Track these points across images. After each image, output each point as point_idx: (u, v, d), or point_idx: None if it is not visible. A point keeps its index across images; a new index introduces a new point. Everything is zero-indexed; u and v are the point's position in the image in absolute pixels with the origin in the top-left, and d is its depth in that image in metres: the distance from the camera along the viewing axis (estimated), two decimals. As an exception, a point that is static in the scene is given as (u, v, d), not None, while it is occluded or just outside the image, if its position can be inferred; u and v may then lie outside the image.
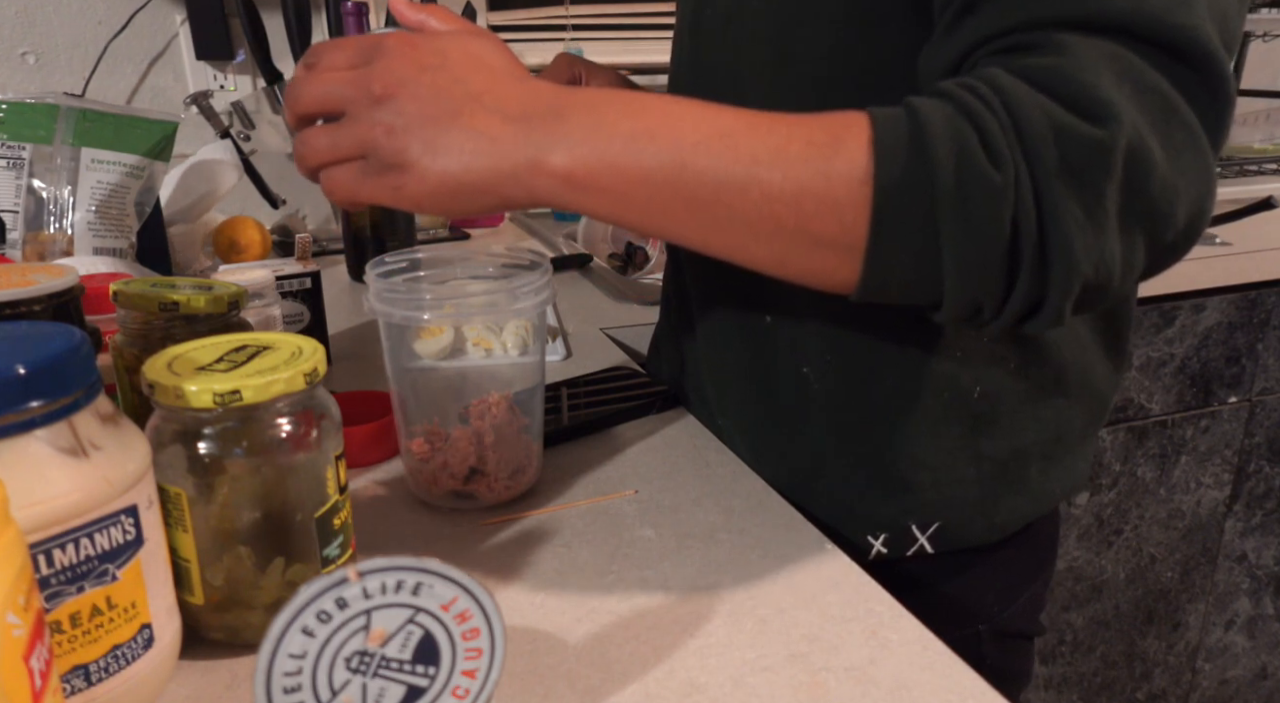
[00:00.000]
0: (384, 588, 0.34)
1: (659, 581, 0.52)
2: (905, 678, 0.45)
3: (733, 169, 0.43)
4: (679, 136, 0.44)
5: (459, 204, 0.45)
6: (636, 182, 0.44)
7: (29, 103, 0.88)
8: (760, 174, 0.43)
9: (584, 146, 0.43)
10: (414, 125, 0.44)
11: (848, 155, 0.43)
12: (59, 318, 0.53)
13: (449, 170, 0.44)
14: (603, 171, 0.44)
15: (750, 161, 0.43)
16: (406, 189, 0.44)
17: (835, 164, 0.42)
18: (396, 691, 0.35)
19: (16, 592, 0.30)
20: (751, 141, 0.43)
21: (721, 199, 0.43)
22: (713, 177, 0.43)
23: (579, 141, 0.44)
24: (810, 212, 0.43)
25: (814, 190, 0.43)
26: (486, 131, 0.44)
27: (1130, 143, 0.41)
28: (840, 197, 0.43)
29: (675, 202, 0.44)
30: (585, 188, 0.44)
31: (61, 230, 0.89)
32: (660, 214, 0.45)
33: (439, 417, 0.59)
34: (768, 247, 0.45)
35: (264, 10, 1.30)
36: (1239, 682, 1.61)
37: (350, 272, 1.19)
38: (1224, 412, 1.40)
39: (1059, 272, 0.42)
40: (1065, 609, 1.44)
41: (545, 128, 0.44)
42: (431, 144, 0.44)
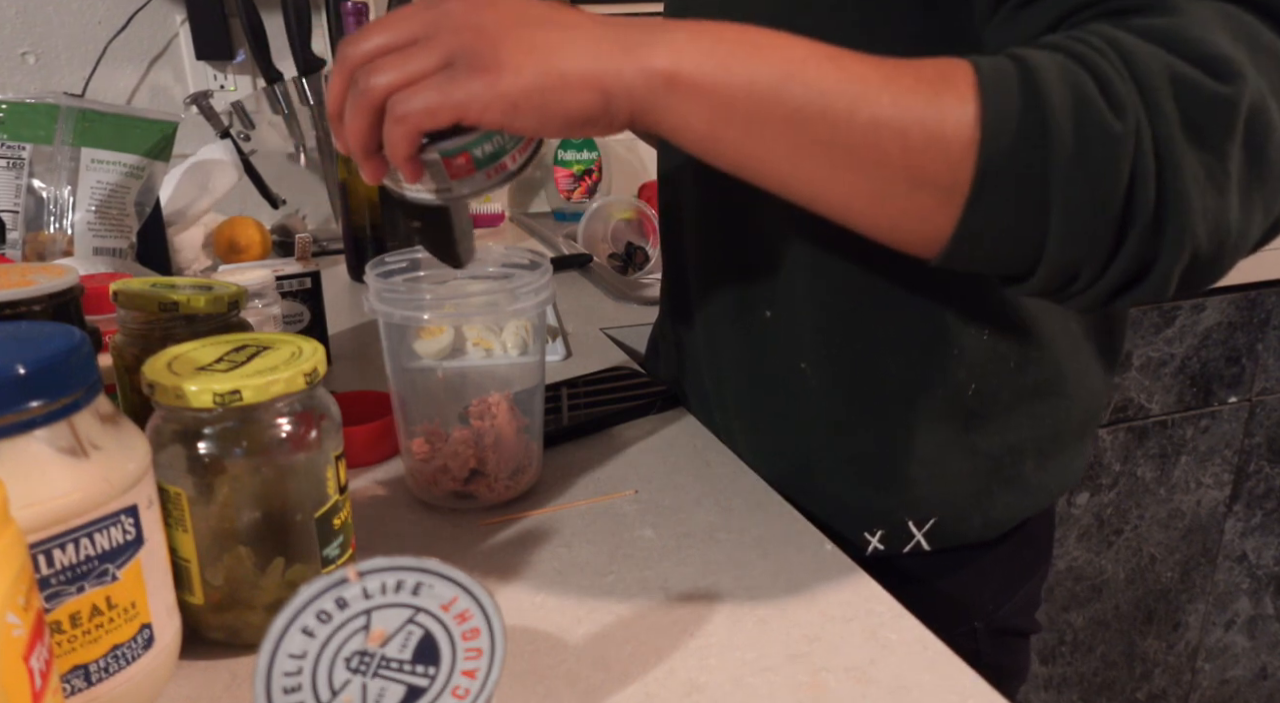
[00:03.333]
0: (384, 588, 0.34)
1: (659, 581, 0.52)
2: (905, 678, 0.45)
3: (841, 86, 0.41)
4: (788, 50, 0.41)
5: (556, 105, 0.42)
6: (740, 88, 0.41)
7: (29, 103, 0.88)
8: (870, 94, 0.41)
9: (689, 48, 0.41)
10: (507, 26, 0.41)
11: (957, 93, 0.40)
12: (59, 318, 0.53)
13: (549, 62, 0.41)
14: (708, 73, 0.41)
15: (860, 81, 0.41)
16: (501, 85, 0.41)
17: (945, 99, 0.40)
18: (396, 691, 0.35)
19: (16, 592, 0.30)
20: (861, 65, 0.41)
21: (827, 116, 0.41)
22: (819, 90, 0.41)
23: (684, 44, 0.41)
24: (917, 145, 0.41)
25: (923, 123, 0.40)
26: (584, 34, 0.42)
27: (1253, 102, 0.39)
28: (950, 134, 0.40)
29: (777, 113, 0.41)
30: (688, 90, 0.41)
31: (61, 230, 0.89)
32: (760, 129, 0.42)
33: (439, 417, 0.59)
34: (866, 180, 0.42)
35: (264, 10, 1.30)
36: (1239, 682, 1.61)
37: (350, 272, 1.19)
38: (1224, 412, 1.40)
39: (1172, 232, 0.39)
40: (1065, 609, 1.43)
41: (647, 34, 0.42)
42: (528, 41, 0.41)
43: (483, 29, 0.41)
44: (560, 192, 1.56)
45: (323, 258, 1.29)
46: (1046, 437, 0.64)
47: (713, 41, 0.42)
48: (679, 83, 0.41)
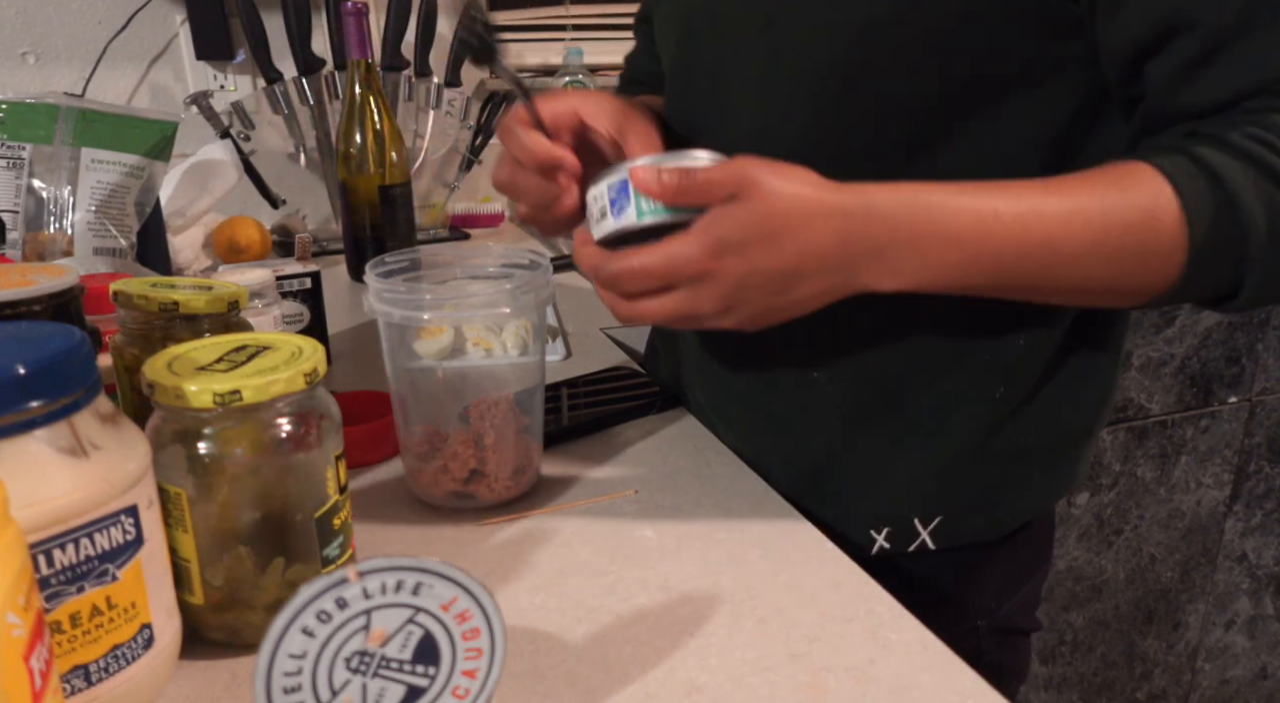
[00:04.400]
0: (384, 588, 0.34)
1: (659, 581, 0.52)
2: (905, 678, 0.45)
3: (1055, 273, 0.49)
4: (1000, 256, 0.49)
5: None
6: (963, 290, 0.51)
7: (29, 103, 0.88)
8: (1080, 273, 0.49)
9: (907, 276, 0.50)
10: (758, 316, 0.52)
11: (1164, 233, 0.47)
12: (59, 318, 0.53)
13: (783, 315, 0.53)
14: (927, 288, 0.51)
15: (1071, 263, 0.49)
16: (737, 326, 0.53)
17: (1151, 246, 0.48)
18: (396, 691, 0.35)
19: (16, 592, 0.30)
20: (1070, 243, 0.48)
21: (1044, 292, 0.51)
22: (1035, 282, 0.50)
23: (903, 273, 0.50)
24: (1124, 289, 0.50)
25: (1130, 270, 0.49)
26: (810, 294, 0.51)
27: None
28: (1156, 269, 0.49)
29: (1004, 295, 0.52)
30: (914, 291, 0.51)
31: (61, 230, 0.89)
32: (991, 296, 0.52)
33: (439, 417, 0.59)
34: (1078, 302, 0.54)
35: (264, 10, 1.30)
36: (1239, 682, 1.61)
37: (350, 272, 1.19)
38: (1224, 412, 1.40)
39: None
40: (1065, 609, 1.43)
41: (868, 267, 0.50)
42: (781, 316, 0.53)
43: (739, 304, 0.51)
44: (560, 192, 1.55)
45: (323, 258, 1.29)
46: (1056, 438, 0.64)
47: (931, 270, 0.50)
48: (902, 292, 0.51)
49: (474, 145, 1.50)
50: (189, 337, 0.52)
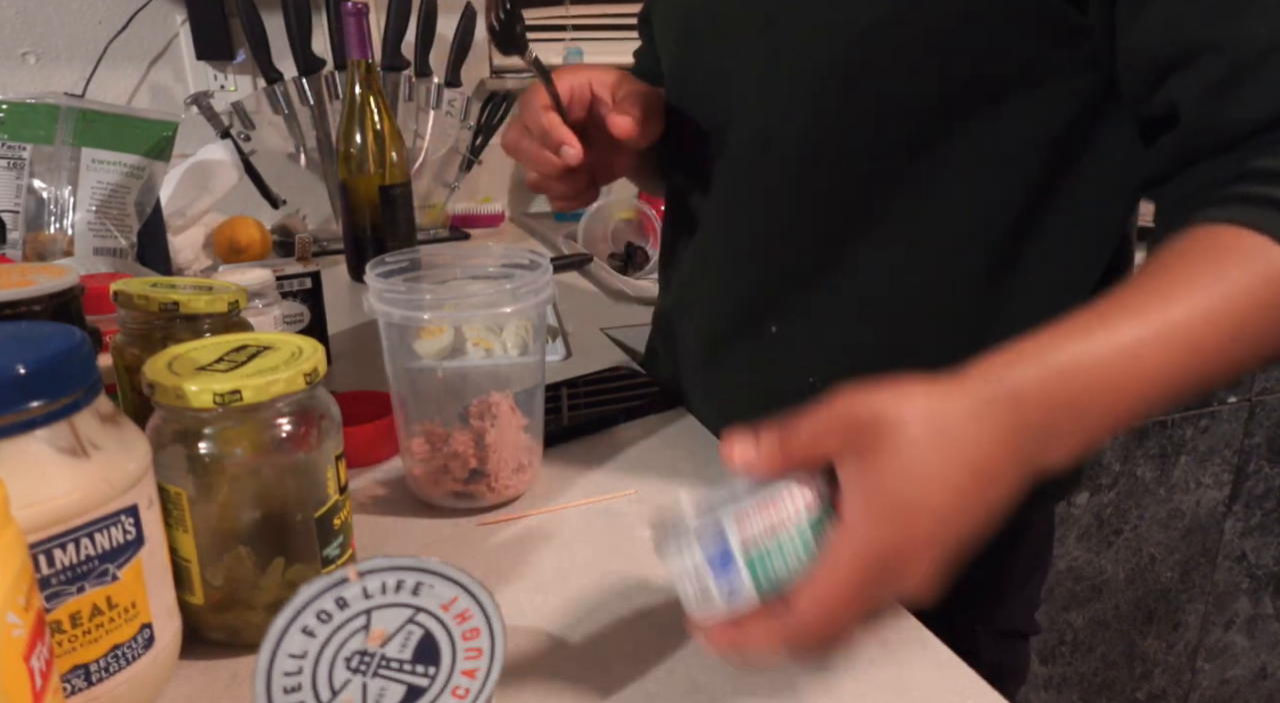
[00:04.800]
0: (384, 588, 0.34)
1: (659, 581, 0.52)
2: (905, 678, 0.45)
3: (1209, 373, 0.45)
4: (1155, 384, 0.44)
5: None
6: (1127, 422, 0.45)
7: (29, 103, 0.88)
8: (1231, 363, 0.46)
9: (1077, 440, 0.43)
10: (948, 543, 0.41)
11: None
12: (59, 318, 0.53)
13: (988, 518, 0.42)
14: (1100, 443, 0.45)
15: (1219, 359, 0.45)
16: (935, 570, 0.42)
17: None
18: (396, 690, 0.35)
19: (16, 592, 0.30)
20: (1211, 343, 0.44)
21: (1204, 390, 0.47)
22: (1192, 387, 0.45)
23: (1070, 445, 0.43)
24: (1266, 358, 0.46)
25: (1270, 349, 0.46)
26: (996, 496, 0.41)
27: None
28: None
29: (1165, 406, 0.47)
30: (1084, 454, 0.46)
31: (61, 230, 0.89)
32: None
33: (439, 417, 0.59)
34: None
35: (264, 10, 1.30)
36: (1239, 682, 1.61)
37: (350, 272, 1.19)
38: (1224, 412, 1.40)
39: None
40: (1065, 609, 1.43)
41: (1040, 448, 0.42)
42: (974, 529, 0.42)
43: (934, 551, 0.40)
44: (560, 192, 1.55)
45: (323, 258, 1.29)
46: None
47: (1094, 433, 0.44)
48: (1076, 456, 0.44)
49: (474, 145, 1.50)
50: (189, 337, 0.52)
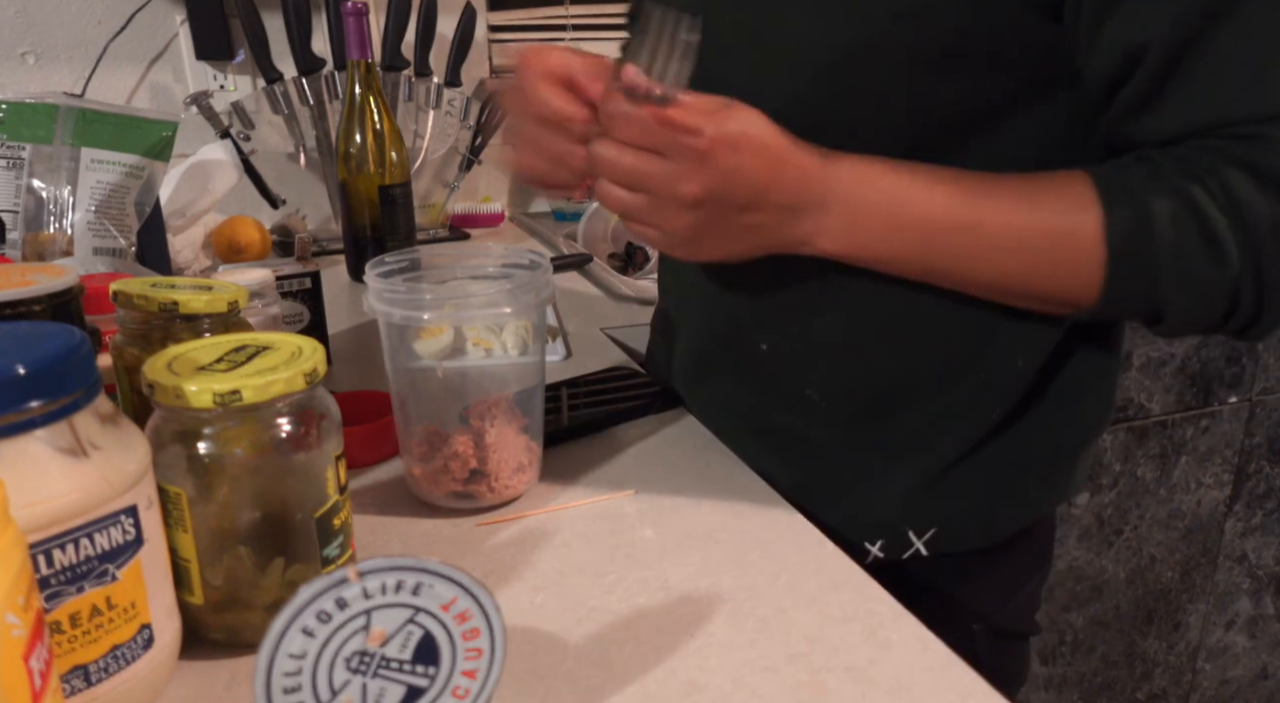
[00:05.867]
0: (384, 588, 0.34)
1: (659, 581, 0.52)
2: (905, 678, 0.45)
3: (976, 257, 0.52)
4: (929, 227, 0.52)
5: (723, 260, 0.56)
6: (888, 261, 0.54)
7: (29, 103, 0.88)
8: (1001, 261, 0.52)
9: (844, 238, 0.53)
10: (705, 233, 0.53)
11: (1082, 247, 0.50)
12: (59, 318, 0.53)
13: (728, 255, 0.55)
14: (861, 254, 0.54)
15: (991, 250, 0.52)
16: (678, 252, 0.55)
17: (1069, 255, 0.51)
18: (396, 691, 0.35)
19: (16, 592, 0.30)
20: (993, 233, 0.51)
21: (964, 277, 0.54)
22: (955, 260, 0.53)
23: (840, 233, 0.53)
24: (1041, 291, 0.53)
25: (1046, 273, 0.52)
26: (765, 224, 0.53)
27: None
28: (1072, 280, 0.51)
29: (923, 274, 0.55)
30: (847, 260, 0.54)
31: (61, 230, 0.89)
32: (910, 275, 0.55)
33: (439, 417, 0.59)
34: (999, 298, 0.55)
35: (264, 10, 1.30)
36: (1239, 682, 1.61)
37: (350, 272, 1.19)
38: (1224, 412, 1.40)
39: (1265, 327, 0.51)
40: (1065, 609, 1.43)
41: (812, 217, 0.53)
42: (719, 246, 0.54)
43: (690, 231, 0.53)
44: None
45: (323, 258, 1.29)
46: (1051, 450, 0.64)
47: (866, 232, 0.53)
48: (835, 257, 0.54)
49: (474, 145, 1.50)
50: (189, 337, 0.52)
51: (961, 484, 0.62)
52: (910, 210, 0.52)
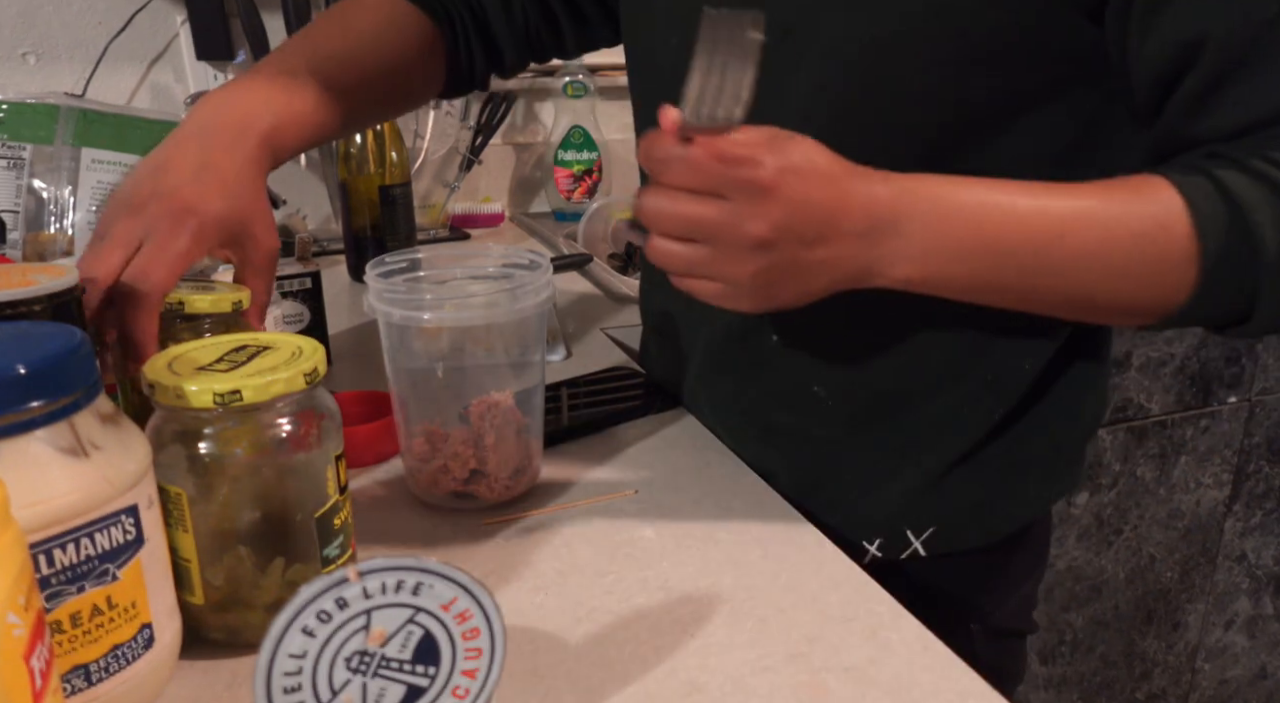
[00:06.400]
0: (384, 588, 0.34)
1: (659, 581, 0.52)
2: (905, 678, 0.45)
3: (1062, 274, 0.48)
4: (1012, 247, 0.48)
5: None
6: (965, 284, 0.49)
7: (29, 103, 0.88)
8: (1087, 277, 0.48)
9: (922, 262, 0.48)
10: (777, 277, 0.47)
11: (1174, 246, 0.47)
12: (59, 318, 0.53)
13: (799, 298, 0.50)
14: (938, 281, 0.49)
15: (1078, 263, 0.48)
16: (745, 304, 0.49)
17: (1160, 256, 0.47)
18: (396, 691, 0.35)
19: (16, 592, 0.30)
20: (1078, 240, 0.47)
21: (1050, 296, 0.50)
22: (1039, 277, 0.49)
23: (918, 257, 0.48)
24: (1130, 300, 0.49)
25: (1137, 278, 0.48)
26: (838, 257, 0.48)
27: None
28: (1165, 283, 0.48)
29: (1005, 295, 0.50)
30: (920, 288, 0.50)
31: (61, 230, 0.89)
32: (990, 301, 0.51)
33: (439, 417, 0.59)
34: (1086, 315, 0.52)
35: (264, 10, 1.30)
36: (1239, 682, 1.61)
37: (350, 272, 1.19)
38: (1224, 412, 1.40)
39: None
40: (1065, 609, 1.43)
41: (886, 242, 0.48)
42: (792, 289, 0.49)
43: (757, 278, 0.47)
44: (560, 192, 1.56)
45: (323, 258, 1.29)
46: (1050, 449, 0.64)
47: (944, 256, 0.48)
48: (912, 284, 0.50)
49: (474, 145, 1.50)
50: (190, 337, 0.52)
51: (961, 484, 0.62)
52: (990, 227, 0.48)
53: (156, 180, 0.55)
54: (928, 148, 0.55)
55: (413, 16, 0.72)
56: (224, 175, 0.56)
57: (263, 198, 0.59)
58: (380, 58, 0.70)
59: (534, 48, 0.79)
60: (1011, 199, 0.48)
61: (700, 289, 0.49)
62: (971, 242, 0.48)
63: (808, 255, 0.47)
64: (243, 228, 0.57)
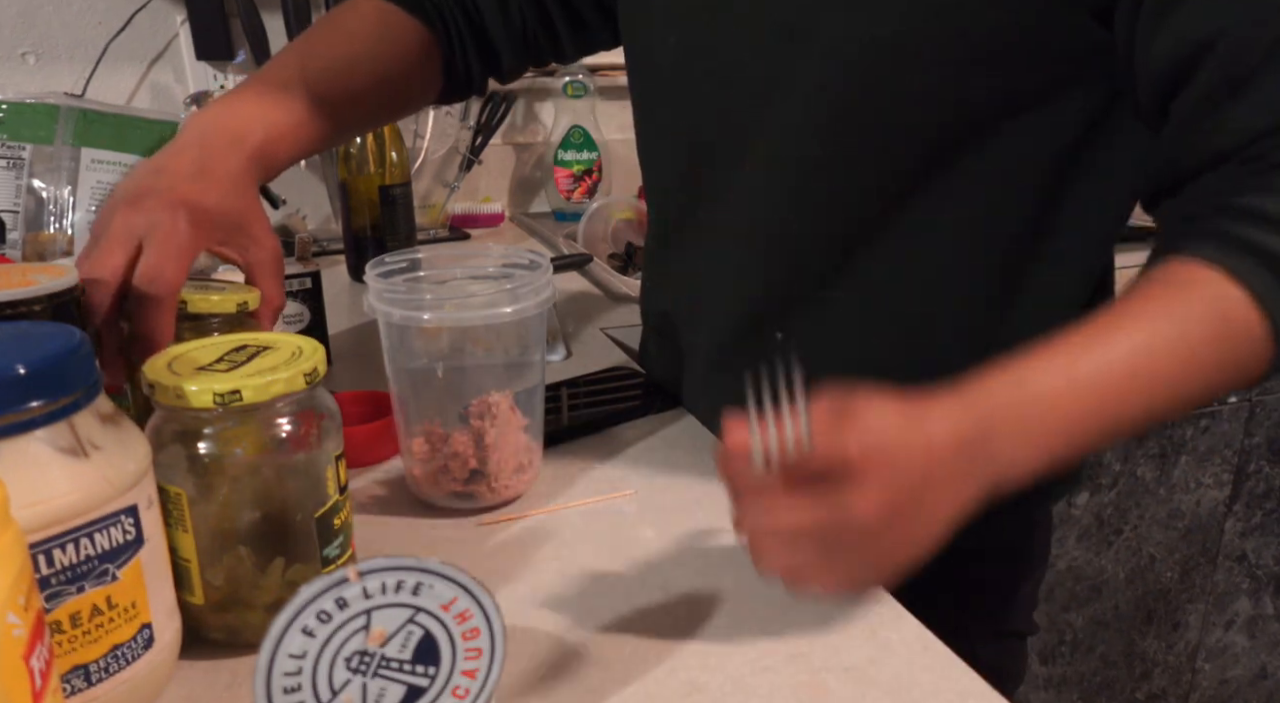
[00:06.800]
0: (384, 588, 0.34)
1: (659, 581, 0.52)
2: (905, 678, 0.45)
3: (1158, 403, 0.47)
4: (1102, 418, 0.47)
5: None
6: (1076, 454, 0.47)
7: (29, 103, 0.88)
8: (1180, 394, 0.47)
9: (1026, 463, 0.46)
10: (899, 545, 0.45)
11: (1244, 329, 0.46)
12: (59, 318, 0.53)
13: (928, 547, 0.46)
14: (1048, 465, 0.47)
15: (1168, 390, 0.47)
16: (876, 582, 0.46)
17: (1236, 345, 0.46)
18: (396, 691, 0.35)
19: (16, 592, 0.30)
20: (1161, 374, 0.46)
21: (1154, 420, 0.48)
22: (1142, 416, 0.47)
23: (1020, 460, 0.46)
24: (1225, 388, 0.48)
25: (1224, 372, 0.47)
26: (947, 494, 0.45)
27: None
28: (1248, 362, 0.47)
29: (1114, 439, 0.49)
30: (1039, 470, 0.47)
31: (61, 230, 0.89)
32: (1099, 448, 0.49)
33: (439, 417, 0.59)
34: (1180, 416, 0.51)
35: (264, 10, 1.30)
36: (1239, 682, 1.61)
37: (350, 272, 1.19)
38: (1224, 412, 1.40)
39: None
40: (1065, 609, 1.43)
41: (985, 457, 0.45)
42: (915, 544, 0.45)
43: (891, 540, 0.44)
44: (560, 192, 1.56)
45: (323, 258, 1.29)
46: None
47: (1045, 448, 0.46)
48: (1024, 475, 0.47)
49: (474, 145, 1.50)
50: (194, 336, 0.52)
51: None
52: (1065, 404, 0.46)
53: (154, 180, 0.56)
54: (927, 148, 0.55)
55: (408, 23, 0.72)
56: (219, 177, 0.58)
57: (257, 204, 0.60)
58: (376, 65, 0.70)
59: (531, 52, 0.79)
60: (1073, 366, 0.47)
61: (823, 589, 0.46)
62: (1056, 431, 0.47)
63: (920, 513, 0.45)
64: (240, 228, 0.58)
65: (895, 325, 0.60)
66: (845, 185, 0.58)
